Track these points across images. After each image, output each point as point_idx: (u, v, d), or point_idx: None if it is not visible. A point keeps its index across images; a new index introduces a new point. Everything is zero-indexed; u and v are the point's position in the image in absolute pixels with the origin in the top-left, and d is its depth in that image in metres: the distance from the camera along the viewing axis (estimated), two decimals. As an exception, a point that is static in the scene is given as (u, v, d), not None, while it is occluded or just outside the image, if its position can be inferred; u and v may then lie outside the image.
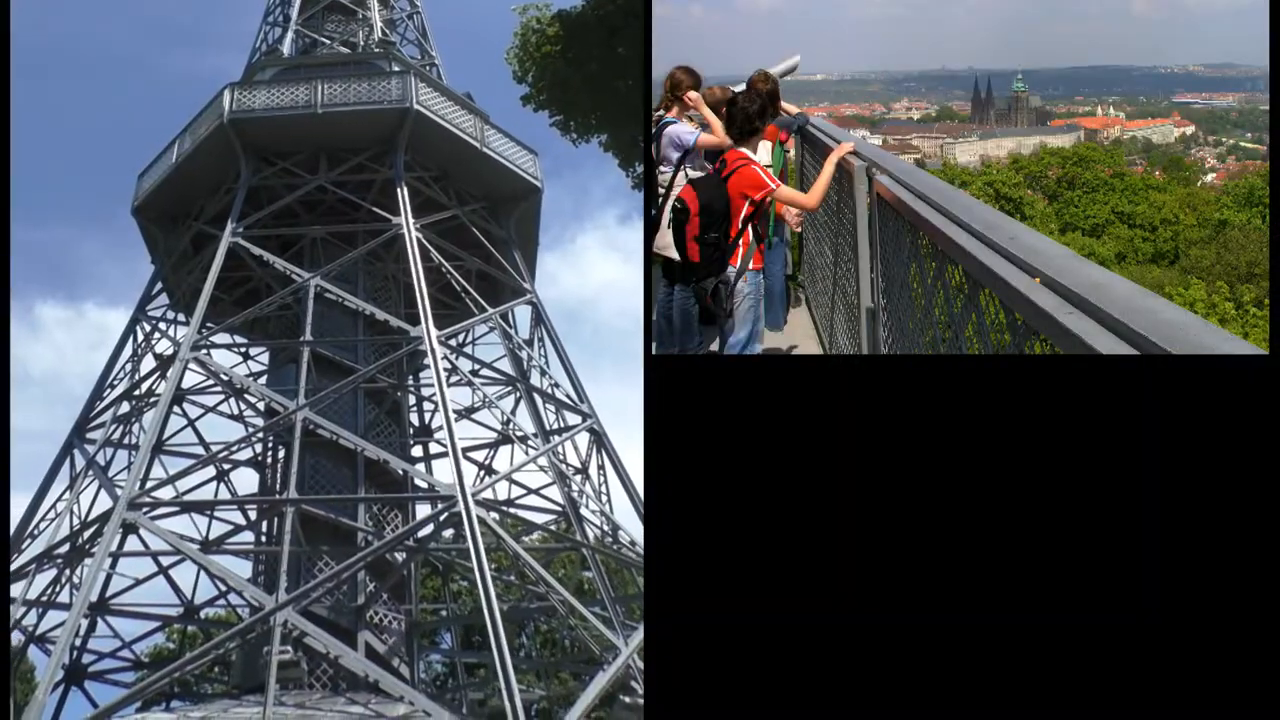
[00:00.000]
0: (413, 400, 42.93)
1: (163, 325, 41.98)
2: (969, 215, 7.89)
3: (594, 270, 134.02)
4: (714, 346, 13.73)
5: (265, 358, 42.14)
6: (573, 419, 39.54)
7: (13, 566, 33.76)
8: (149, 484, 34.35)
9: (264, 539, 36.77)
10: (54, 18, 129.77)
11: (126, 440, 38.30)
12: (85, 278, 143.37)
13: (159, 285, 43.43)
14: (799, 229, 17.53)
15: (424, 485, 36.79)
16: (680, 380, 5.87)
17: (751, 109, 12.39)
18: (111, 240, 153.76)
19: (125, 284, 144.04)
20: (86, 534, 34.18)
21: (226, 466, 38.72)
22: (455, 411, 36.61)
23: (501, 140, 43.79)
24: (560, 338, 41.30)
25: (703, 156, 14.31)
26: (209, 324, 38.87)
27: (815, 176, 12.95)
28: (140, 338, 41.50)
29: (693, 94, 14.45)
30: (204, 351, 37.84)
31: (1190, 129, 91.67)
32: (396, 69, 44.79)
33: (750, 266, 12.16)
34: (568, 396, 40.07)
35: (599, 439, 38.78)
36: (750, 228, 12.16)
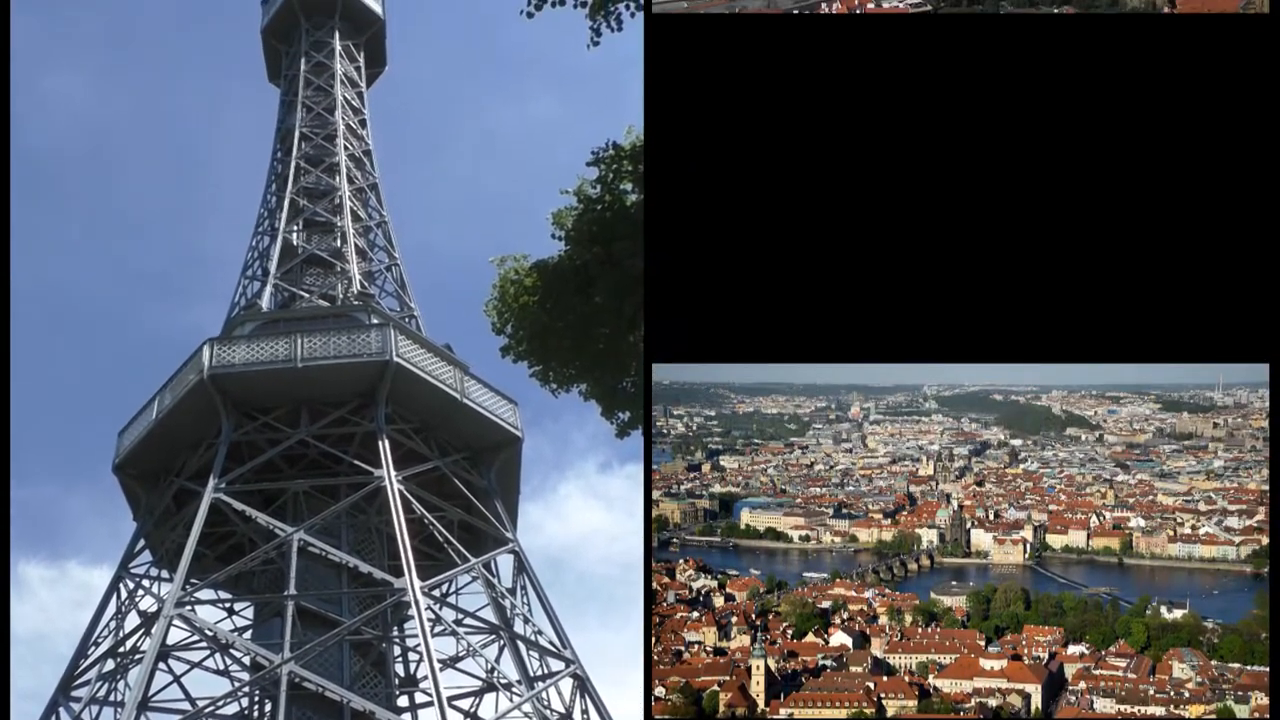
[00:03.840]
0: (398, 650, 42.96)
1: (146, 582, 42.19)
2: None
3: (576, 518, 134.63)
4: None
5: (250, 612, 42.24)
6: (556, 665, 39.70)
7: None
8: (135, 742, 34.34)
9: (251, 794, 36.57)
10: (31, 270, 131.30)
11: (112, 698, 38.27)
12: (68, 536, 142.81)
13: (141, 542, 43.69)
14: None
15: (410, 735, 36.78)
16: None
17: None
18: (94, 498, 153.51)
19: (108, 541, 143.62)
20: (73, 795, 34.03)
21: (212, 722, 38.57)
22: (440, 661, 36.82)
23: (482, 391, 44.39)
24: (543, 585, 41.69)
25: None
26: (192, 580, 39.16)
27: None
28: (124, 595, 41.67)
29: None
30: (188, 608, 38.05)
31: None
32: (376, 321, 45.51)
33: None
34: (551, 643, 40.25)
35: (582, 684, 38.90)
36: None
